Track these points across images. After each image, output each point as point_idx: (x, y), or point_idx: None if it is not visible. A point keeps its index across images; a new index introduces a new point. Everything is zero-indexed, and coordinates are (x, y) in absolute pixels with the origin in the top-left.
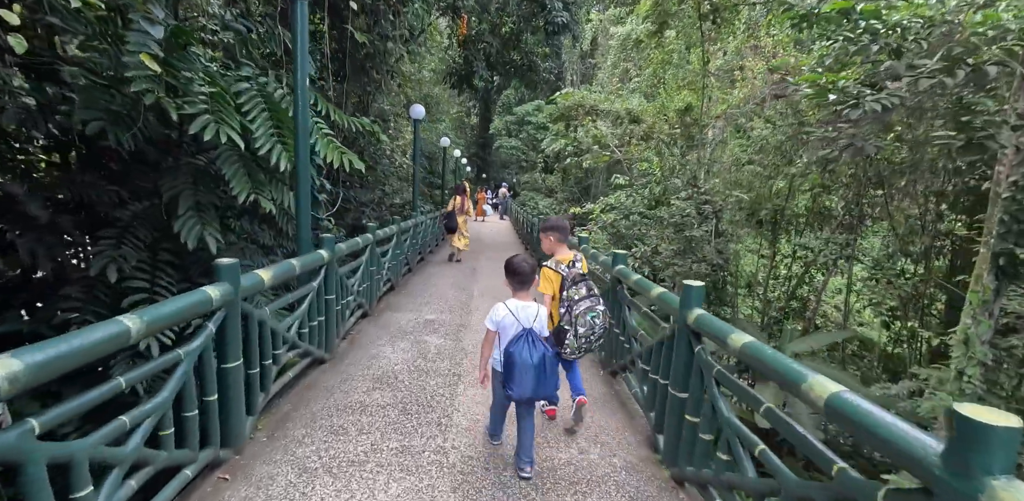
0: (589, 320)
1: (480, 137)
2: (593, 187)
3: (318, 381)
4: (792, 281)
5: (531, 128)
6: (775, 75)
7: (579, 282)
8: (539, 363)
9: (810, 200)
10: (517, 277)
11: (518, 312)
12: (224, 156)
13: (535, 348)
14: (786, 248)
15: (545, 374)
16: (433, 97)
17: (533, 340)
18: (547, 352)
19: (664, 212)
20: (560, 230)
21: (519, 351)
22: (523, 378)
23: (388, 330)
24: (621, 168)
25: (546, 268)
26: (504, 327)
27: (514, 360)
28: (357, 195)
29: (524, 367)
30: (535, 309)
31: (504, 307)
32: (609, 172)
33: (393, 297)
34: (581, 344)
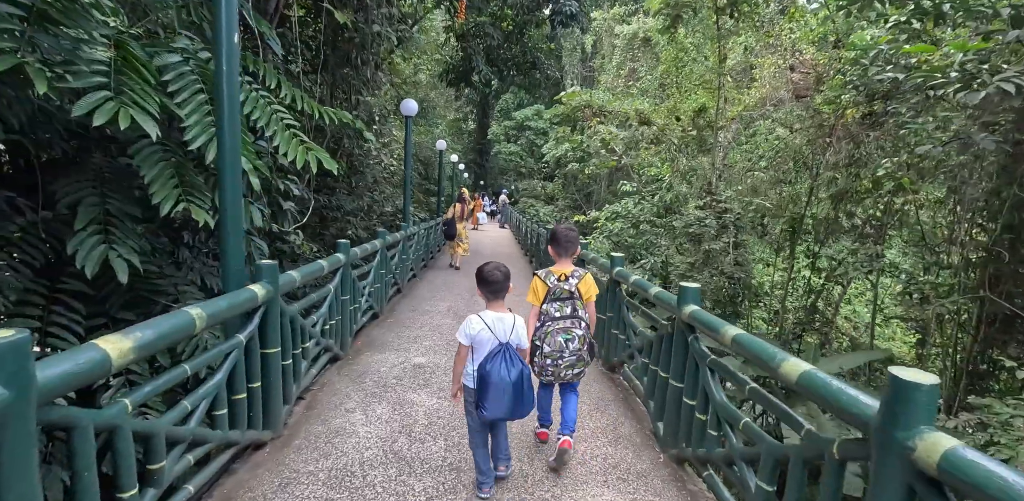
0: (559, 341)
1: (478, 143)
2: (595, 194)
3: (245, 482)
4: (811, 294)
5: (531, 134)
6: (795, 74)
7: (564, 299)
8: (517, 381)
9: (830, 208)
10: (488, 286)
11: (494, 325)
12: (143, 152)
13: (512, 365)
14: (803, 259)
15: (523, 393)
16: (430, 101)
17: (511, 356)
18: (525, 369)
19: (678, 221)
20: (557, 240)
21: (495, 368)
22: (499, 397)
23: (362, 383)
24: (625, 174)
25: (536, 277)
26: (479, 342)
27: (490, 379)
28: (343, 203)
29: (501, 386)
30: (511, 321)
31: (479, 320)
32: (611, 179)
33: (375, 329)
34: (546, 365)
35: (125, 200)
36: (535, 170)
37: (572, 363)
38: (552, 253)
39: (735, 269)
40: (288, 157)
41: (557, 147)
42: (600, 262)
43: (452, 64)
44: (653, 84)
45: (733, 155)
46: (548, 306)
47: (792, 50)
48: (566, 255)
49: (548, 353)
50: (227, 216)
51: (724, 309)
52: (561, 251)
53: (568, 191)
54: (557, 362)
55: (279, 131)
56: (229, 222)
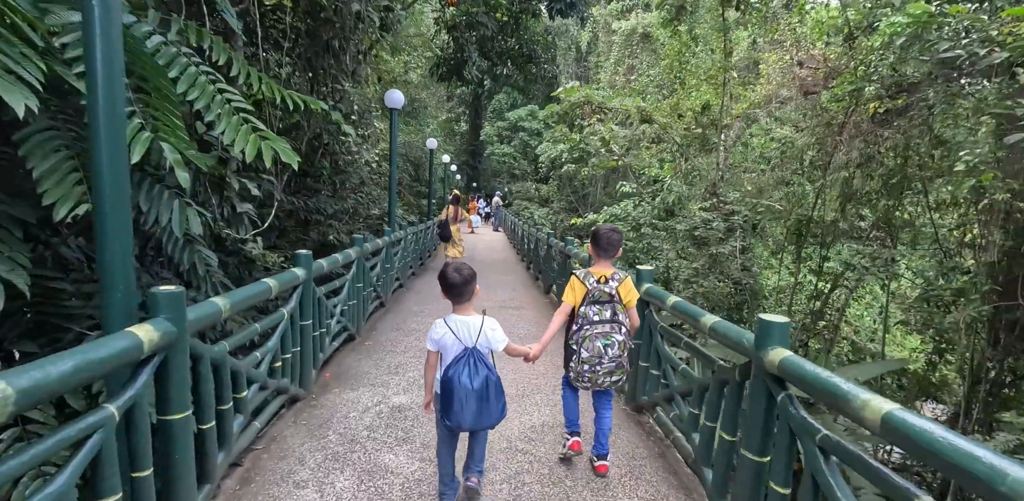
0: (598, 347)
1: (471, 145)
2: (591, 196)
3: None
4: (819, 299)
5: (524, 134)
6: (803, 70)
7: (604, 303)
8: (481, 388)
9: (838, 210)
10: (451, 289)
11: (458, 329)
12: (32, 138)
13: (477, 371)
14: (811, 263)
15: (488, 401)
16: (421, 101)
17: (475, 361)
18: (491, 375)
19: (682, 224)
20: (598, 241)
21: (458, 375)
22: (462, 406)
23: (323, 438)
24: (622, 175)
25: (574, 276)
26: (445, 347)
27: (452, 385)
28: (324, 205)
29: (463, 393)
30: (478, 323)
31: (443, 324)
32: (607, 180)
33: (350, 355)
34: (583, 371)
35: (12, 200)
36: (528, 172)
37: (611, 370)
38: (592, 254)
39: (743, 274)
40: (236, 148)
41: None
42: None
43: (443, 57)
44: (655, 80)
45: (736, 155)
46: (587, 309)
47: (798, 46)
48: (606, 257)
49: (586, 359)
50: (105, 223)
51: (730, 316)
52: (601, 253)
53: (563, 193)
54: (595, 368)
55: (224, 115)
56: (108, 232)
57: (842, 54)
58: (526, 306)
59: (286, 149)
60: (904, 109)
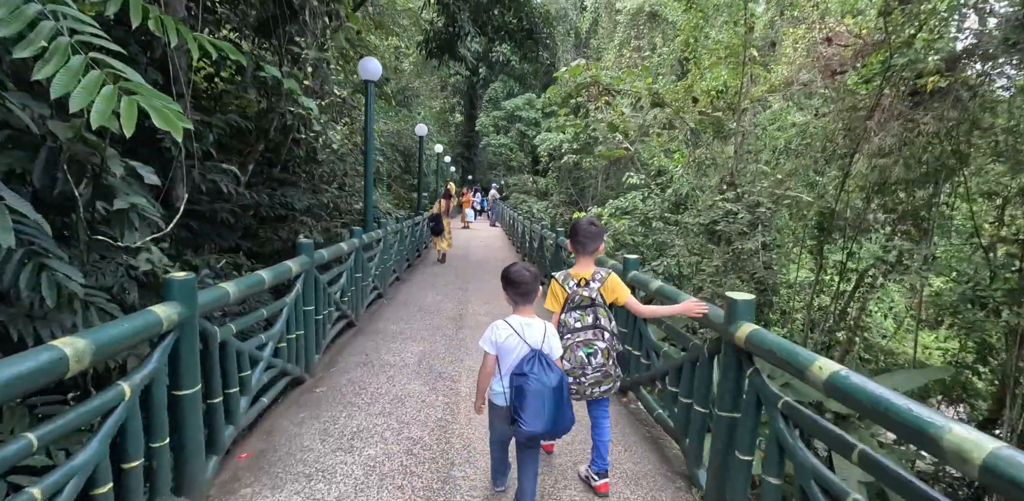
0: (580, 357)
1: (465, 136)
2: (591, 188)
3: None
4: (842, 298)
5: (522, 125)
6: (829, 48)
7: (585, 308)
8: (558, 386)
9: (863, 201)
10: (517, 288)
11: (523, 330)
12: None
13: (551, 369)
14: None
15: (563, 401)
16: (413, 90)
17: (548, 363)
18: (564, 376)
19: (702, 216)
20: (576, 235)
21: (533, 373)
22: (540, 406)
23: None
24: (624, 166)
25: (554, 280)
26: (506, 350)
27: (528, 385)
28: (292, 200)
29: (542, 392)
30: (541, 327)
31: (506, 325)
32: (608, 172)
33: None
34: None
35: None
36: (525, 164)
37: (598, 379)
38: (572, 251)
39: (767, 273)
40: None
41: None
42: (610, 264)
43: (433, 31)
44: (668, 59)
45: (752, 142)
46: (567, 316)
47: (823, 22)
48: (586, 253)
49: (569, 370)
50: None
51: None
52: (580, 248)
53: (563, 185)
54: (580, 379)
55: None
56: None
57: (875, 28)
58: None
59: (166, 109)
60: (943, 91)
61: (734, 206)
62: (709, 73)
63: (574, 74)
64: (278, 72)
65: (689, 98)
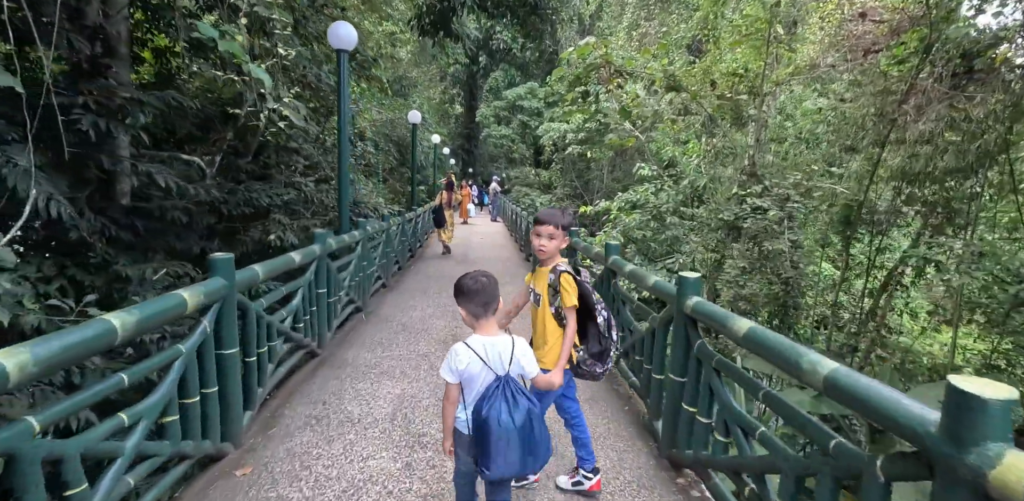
0: None
1: (465, 128)
2: (597, 181)
3: None
4: (868, 297)
5: (524, 115)
6: (863, 25)
7: None
8: (525, 425)
9: (895, 192)
10: (474, 298)
11: (486, 353)
12: None
13: (517, 404)
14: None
15: (534, 439)
16: (410, 80)
17: (512, 393)
18: (532, 407)
19: (723, 213)
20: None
21: (495, 412)
22: (504, 450)
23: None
24: (630, 157)
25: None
26: (469, 378)
27: (488, 426)
28: (257, 195)
29: (504, 434)
30: (508, 345)
31: (466, 350)
32: (614, 164)
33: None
34: None
35: None
36: (527, 157)
37: None
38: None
39: (794, 273)
40: None
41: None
42: (595, 251)
43: (426, 5)
44: (684, 39)
45: (772, 130)
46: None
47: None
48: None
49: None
50: None
51: (769, 321)
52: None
53: (567, 178)
54: None
55: None
56: None
57: (914, 0)
58: None
59: None
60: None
61: (762, 201)
62: (729, 54)
63: (583, 54)
64: (213, 30)
65: (707, 81)
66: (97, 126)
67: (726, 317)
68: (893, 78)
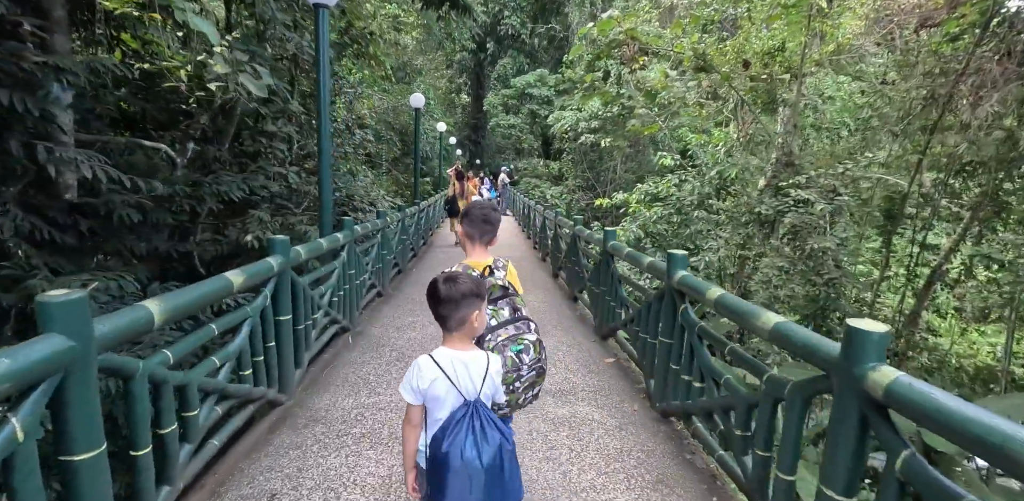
0: (511, 356)
1: (472, 118)
2: (609, 171)
3: None
4: (911, 296)
5: (533, 104)
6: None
7: (498, 299)
8: (493, 463)
9: (942, 183)
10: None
11: (455, 371)
12: None
13: (486, 437)
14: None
15: (503, 481)
16: (414, 67)
17: (482, 423)
18: (505, 442)
19: (762, 206)
20: (471, 221)
21: (458, 447)
22: (464, 490)
23: None
24: (646, 146)
25: None
26: (434, 398)
27: (449, 464)
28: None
29: (467, 474)
30: (482, 363)
31: (431, 365)
32: (627, 154)
33: None
34: None
35: None
36: (535, 148)
37: (533, 380)
38: (463, 239)
39: (838, 274)
40: None
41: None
42: (596, 238)
43: None
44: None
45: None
46: None
47: None
48: (482, 241)
49: (503, 378)
50: None
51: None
52: (477, 235)
53: (579, 169)
54: (514, 385)
55: None
56: None
57: None
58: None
59: None
60: None
61: (808, 193)
62: (766, 30)
63: (604, 29)
64: None
65: (740, 61)
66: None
67: (703, 287)
68: (945, 56)
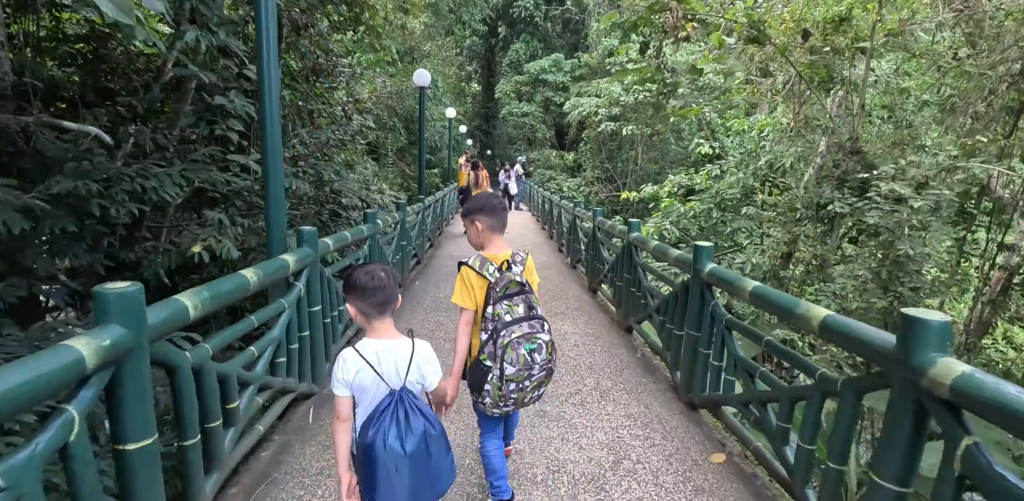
0: (524, 355)
1: (483, 107)
2: (629, 162)
3: None
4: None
5: (547, 90)
6: None
7: (514, 295)
8: (418, 450)
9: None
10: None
11: (379, 360)
12: None
13: (410, 426)
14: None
15: (430, 465)
16: (422, 52)
17: (407, 411)
18: (430, 428)
19: (838, 203)
20: (490, 212)
21: (382, 437)
22: (391, 479)
23: None
24: (665, 134)
25: (466, 267)
26: (361, 389)
27: (375, 454)
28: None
29: (391, 462)
30: (407, 350)
31: (355, 357)
32: (650, 142)
33: None
34: (508, 393)
35: None
36: (548, 138)
37: (541, 380)
38: (483, 230)
39: (920, 282)
40: None
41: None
42: (619, 229)
43: None
44: None
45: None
46: (496, 308)
47: None
48: (500, 231)
49: (512, 375)
50: None
51: None
52: (497, 226)
53: (597, 159)
54: (523, 384)
55: None
56: None
57: None
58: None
59: None
60: None
61: (902, 187)
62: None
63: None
64: None
65: (799, 31)
66: None
67: (735, 279)
68: None
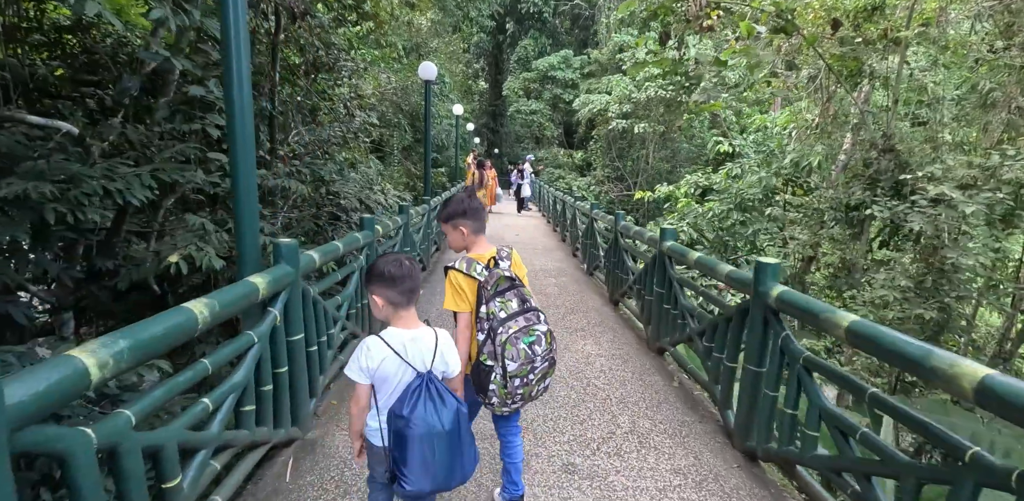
0: (524, 349)
1: (491, 105)
2: (640, 161)
3: None
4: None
5: (556, 87)
6: None
7: (506, 291)
8: (453, 428)
9: None
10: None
11: (405, 349)
12: None
13: (444, 403)
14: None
15: (462, 445)
16: (428, 48)
17: (438, 391)
18: (461, 407)
19: (877, 206)
20: (473, 215)
21: (419, 413)
22: (429, 458)
23: None
24: (677, 132)
25: (454, 272)
26: (383, 378)
27: (410, 430)
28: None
29: (430, 438)
30: (431, 339)
31: (379, 345)
32: (662, 140)
33: None
34: (514, 390)
35: None
36: (556, 136)
37: (545, 371)
38: (468, 234)
39: (970, 292)
40: None
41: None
42: (648, 236)
43: None
44: None
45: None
46: (488, 307)
47: None
48: (483, 231)
49: (515, 371)
50: None
51: None
52: (478, 227)
53: (607, 158)
54: (528, 378)
55: None
56: None
57: None
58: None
59: None
60: None
61: (950, 190)
62: None
63: None
64: None
65: (829, 21)
66: None
67: (821, 308)
68: None
